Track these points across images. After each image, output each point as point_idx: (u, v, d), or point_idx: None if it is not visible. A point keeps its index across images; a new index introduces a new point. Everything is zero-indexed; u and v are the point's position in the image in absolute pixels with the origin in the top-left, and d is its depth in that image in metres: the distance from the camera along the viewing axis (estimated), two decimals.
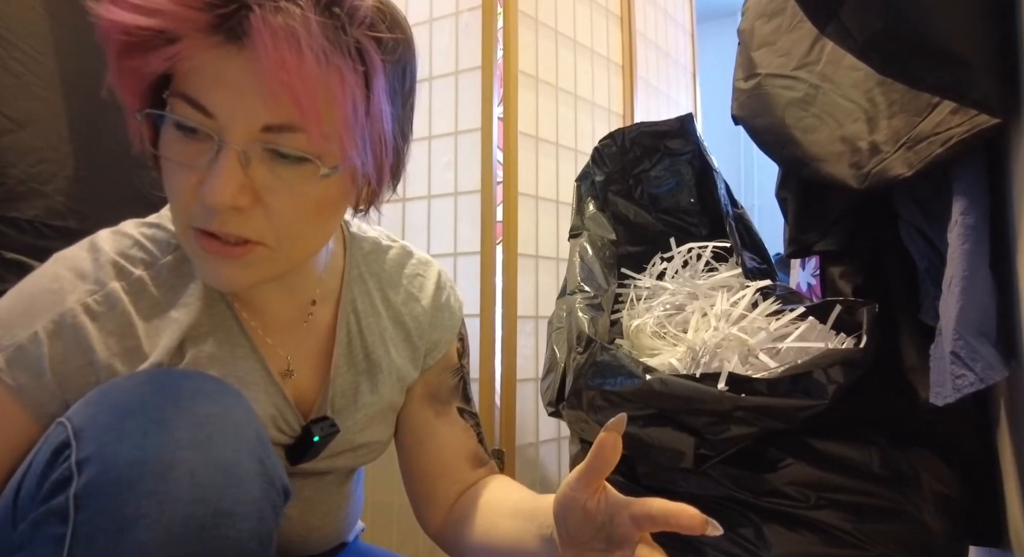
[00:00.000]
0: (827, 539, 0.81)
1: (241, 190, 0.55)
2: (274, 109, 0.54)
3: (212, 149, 0.55)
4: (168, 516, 0.45)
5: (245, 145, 0.55)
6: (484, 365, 1.61)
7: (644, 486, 0.94)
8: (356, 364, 0.76)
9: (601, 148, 1.33)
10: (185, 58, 0.53)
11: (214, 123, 0.55)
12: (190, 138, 0.56)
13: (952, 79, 0.68)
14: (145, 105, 0.57)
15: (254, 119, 0.54)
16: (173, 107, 0.56)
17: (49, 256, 0.65)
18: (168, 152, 0.57)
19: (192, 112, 0.55)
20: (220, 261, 0.58)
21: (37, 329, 0.59)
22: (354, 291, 0.77)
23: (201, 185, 0.55)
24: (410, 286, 0.81)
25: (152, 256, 0.65)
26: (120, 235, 0.66)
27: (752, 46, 1.13)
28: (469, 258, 1.68)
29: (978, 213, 0.72)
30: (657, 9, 2.37)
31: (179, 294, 0.65)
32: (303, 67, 0.51)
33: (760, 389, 0.83)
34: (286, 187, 0.57)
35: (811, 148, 0.96)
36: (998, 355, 0.69)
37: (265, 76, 0.51)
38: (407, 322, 0.80)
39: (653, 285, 1.21)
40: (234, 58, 0.53)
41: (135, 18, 0.51)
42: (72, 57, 1.03)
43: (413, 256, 0.83)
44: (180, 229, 0.60)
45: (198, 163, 0.55)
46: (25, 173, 0.97)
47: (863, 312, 0.93)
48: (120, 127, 0.59)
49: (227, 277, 0.59)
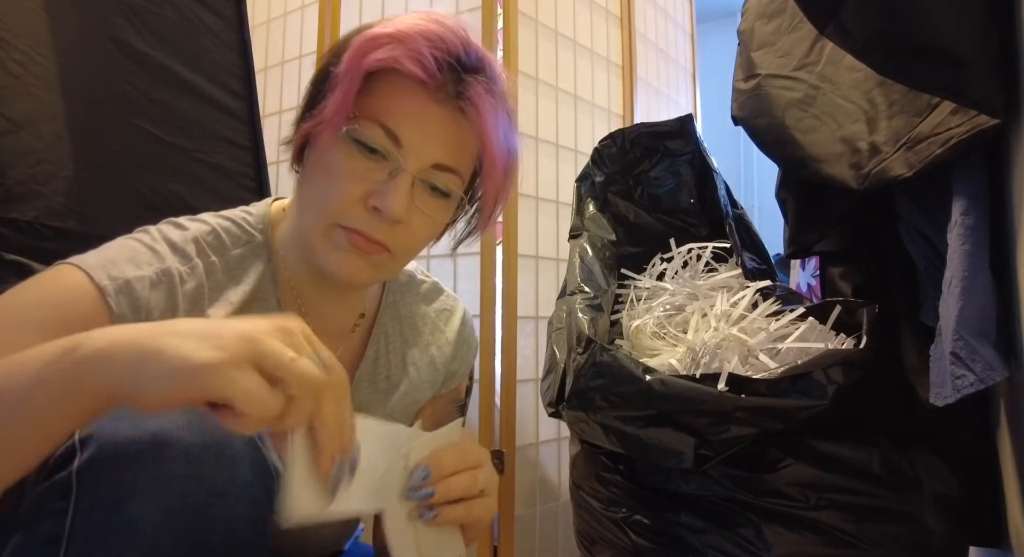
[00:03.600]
0: (827, 539, 0.81)
1: (406, 208, 0.66)
2: (447, 153, 0.67)
3: (386, 170, 0.66)
4: (163, 491, 0.48)
5: (415, 175, 0.66)
6: (484, 366, 1.61)
7: (644, 485, 0.94)
8: (376, 383, 0.81)
9: (601, 149, 1.33)
10: (398, 96, 0.65)
11: (399, 151, 0.65)
12: (368, 156, 0.65)
13: (952, 79, 0.68)
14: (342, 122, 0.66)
15: (430, 157, 0.66)
16: (363, 128, 0.65)
17: (49, 257, 0.67)
18: (343, 162, 0.66)
19: (382, 136, 0.65)
20: (355, 254, 0.67)
21: (144, 274, 0.63)
22: (387, 316, 0.84)
23: (369, 196, 0.65)
24: (438, 319, 0.89)
25: (224, 246, 0.71)
26: (200, 221, 0.72)
27: (752, 47, 1.13)
28: (469, 258, 1.68)
29: (978, 214, 0.72)
30: (657, 10, 2.37)
31: (239, 285, 0.71)
32: (495, 129, 0.67)
33: (760, 389, 0.83)
34: (428, 213, 0.69)
35: (811, 149, 0.96)
36: (998, 355, 0.69)
37: (457, 129, 0.66)
38: (433, 351, 0.87)
39: (653, 285, 1.21)
40: (434, 107, 0.65)
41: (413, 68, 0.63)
42: (71, 58, 1.03)
43: (444, 292, 0.92)
44: (322, 224, 0.67)
45: (370, 178, 0.65)
46: (24, 174, 0.97)
47: (863, 313, 0.93)
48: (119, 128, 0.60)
49: (356, 268, 0.68)
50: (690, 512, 0.90)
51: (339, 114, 0.64)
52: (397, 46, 0.63)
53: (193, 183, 1.18)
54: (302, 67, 2.14)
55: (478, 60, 0.67)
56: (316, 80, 0.70)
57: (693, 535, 0.89)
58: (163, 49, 1.15)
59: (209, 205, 0.78)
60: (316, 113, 0.66)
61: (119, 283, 0.61)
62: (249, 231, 0.73)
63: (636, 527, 0.93)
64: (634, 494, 0.95)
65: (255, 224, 0.74)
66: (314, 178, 0.68)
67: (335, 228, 0.66)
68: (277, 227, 0.75)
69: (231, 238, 0.72)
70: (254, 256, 0.72)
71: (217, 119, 1.24)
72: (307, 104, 0.70)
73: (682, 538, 0.90)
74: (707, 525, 0.88)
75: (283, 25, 2.23)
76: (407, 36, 0.63)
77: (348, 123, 0.65)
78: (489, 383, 1.61)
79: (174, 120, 1.15)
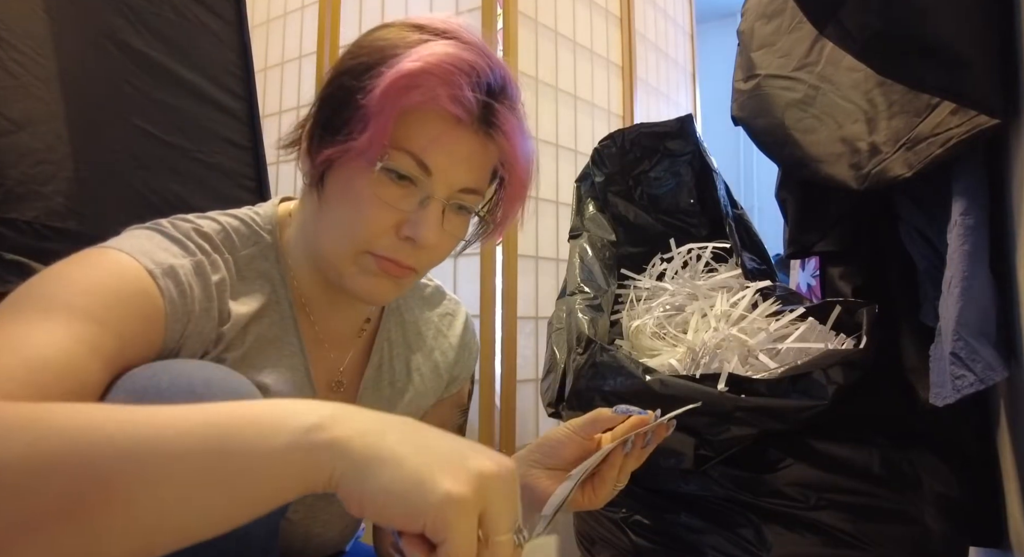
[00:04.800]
0: (827, 540, 0.81)
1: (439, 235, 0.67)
2: (474, 177, 0.68)
3: (416, 198, 0.66)
4: None
5: (445, 199, 0.67)
6: (484, 366, 1.61)
7: (644, 487, 0.94)
8: (381, 389, 0.81)
9: (601, 149, 1.33)
10: (431, 128, 0.64)
11: (428, 178, 0.65)
12: (398, 183, 0.65)
13: (952, 79, 0.68)
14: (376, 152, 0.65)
15: (458, 182, 0.67)
16: (393, 157, 0.64)
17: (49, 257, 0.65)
18: (375, 190, 0.65)
19: (414, 167, 0.65)
20: (384, 279, 0.68)
21: (183, 263, 0.63)
22: (391, 321, 0.84)
23: (401, 225, 0.66)
24: (441, 323, 0.89)
25: (235, 245, 0.71)
26: (209, 219, 0.71)
27: (752, 47, 1.13)
28: (469, 259, 1.68)
29: (978, 214, 0.72)
30: (657, 10, 2.37)
31: (251, 286, 0.71)
32: (522, 150, 0.68)
33: (760, 390, 0.83)
34: (454, 231, 0.70)
35: (811, 149, 0.96)
36: (998, 355, 0.69)
37: (483, 152, 0.67)
38: (436, 356, 0.86)
39: (653, 286, 1.21)
40: (464, 134, 0.65)
41: (454, 109, 0.63)
42: (71, 58, 1.03)
43: (446, 297, 0.91)
44: (348, 251, 0.67)
45: (401, 206, 0.65)
46: (24, 174, 0.97)
47: (863, 313, 0.93)
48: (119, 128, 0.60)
49: (384, 291, 0.69)
50: (690, 512, 0.90)
51: (373, 148, 0.63)
52: (437, 86, 0.62)
53: (193, 183, 1.18)
54: (302, 67, 2.14)
55: (502, 79, 0.67)
56: (334, 101, 0.67)
57: (693, 535, 0.89)
58: (163, 49, 1.15)
59: (209, 205, 0.78)
60: (342, 140, 0.64)
61: (164, 267, 0.60)
62: (258, 232, 0.73)
63: (636, 527, 0.93)
64: (634, 494, 0.95)
65: (263, 225, 0.73)
66: (340, 204, 0.67)
67: (364, 255, 0.67)
68: (284, 229, 0.75)
69: (240, 238, 0.71)
70: (262, 258, 0.72)
71: (217, 119, 1.24)
72: (325, 126, 0.67)
73: (682, 538, 0.90)
74: (707, 525, 0.88)
75: (283, 25, 2.23)
76: (444, 72, 0.62)
77: (381, 157, 0.64)
78: (489, 383, 1.61)
79: (174, 120, 1.15)
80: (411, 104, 0.62)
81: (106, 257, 0.59)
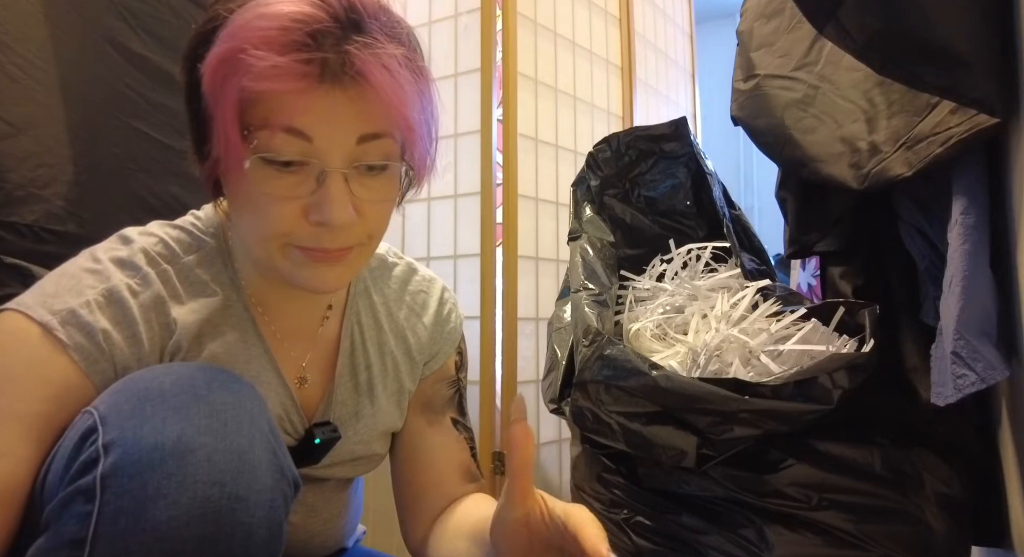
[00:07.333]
0: (829, 540, 0.81)
1: (352, 208, 0.61)
2: (363, 123, 0.60)
3: (312, 177, 0.60)
4: (187, 496, 0.48)
5: (343, 166, 0.60)
6: (485, 367, 1.61)
7: (645, 487, 0.94)
8: (357, 376, 0.78)
9: (596, 153, 1.32)
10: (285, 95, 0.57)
11: (312, 148, 0.59)
12: (285, 171, 0.60)
13: (952, 79, 0.68)
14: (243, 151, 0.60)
15: (347, 140, 0.60)
16: (263, 142, 0.59)
17: (49, 260, 0.66)
18: (262, 188, 0.60)
19: (288, 140, 0.58)
20: (325, 266, 0.64)
21: (89, 299, 0.61)
22: (359, 305, 0.80)
23: (307, 212, 0.61)
24: (413, 303, 0.84)
25: (175, 254, 0.69)
26: (146, 233, 0.70)
27: (751, 47, 1.13)
28: (469, 260, 1.68)
29: (978, 213, 0.72)
30: (656, 10, 2.37)
31: (199, 292, 0.68)
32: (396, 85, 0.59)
33: (765, 393, 0.82)
34: (378, 195, 0.64)
35: (810, 149, 0.96)
36: (999, 355, 0.69)
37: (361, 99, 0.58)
38: (408, 337, 0.82)
39: (653, 286, 1.21)
40: (328, 89, 0.58)
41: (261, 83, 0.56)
42: (71, 62, 1.03)
43: (417, 273, 0.86)
44: (273, 248, 0.63)
45: (298, 193, 0.60)
46: (24, 178, 0.97)
47: (865, 314, 0.93)
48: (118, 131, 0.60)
49: (332, 278, 0.65)
50: (691, 513, 0.89)
51: (231, 150, 0.59)
52: (254, 63, 0.55)
53: (192, 186, 1.18)
54: None
55: (350, 14, 0.58)
56: (188, 113, 0.64)
57: (695, 536, 0.88)
58: (162, 52, 1.15)
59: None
60: (209, 151, 0.61)
61: (63, 315, 0.59)
62: (199, 236, 0.70)
63: (638, 528, 0.93)
64: (635, 495, 0.95)
65: (205, 229, 0.71)
66: (243, 209, 0.64)
67: (289, 248, 0.63)
68: (228, 230, 0.72)
69: (181, 246, 0.69)
70: (208, 263, 0.70)
71: None
72: (194, 141, 0.64)
73: (684, 539, 0.89)
74: (709, 526, 0.88)
75: None
76: (260, 41, 0.55)
77: (247, 150, 0.59)
78: (490, 384, 1.61)
79: (173, 123, 1.15)
80: (238, 93, 0.57)
81: (2, 326, 0.60)
